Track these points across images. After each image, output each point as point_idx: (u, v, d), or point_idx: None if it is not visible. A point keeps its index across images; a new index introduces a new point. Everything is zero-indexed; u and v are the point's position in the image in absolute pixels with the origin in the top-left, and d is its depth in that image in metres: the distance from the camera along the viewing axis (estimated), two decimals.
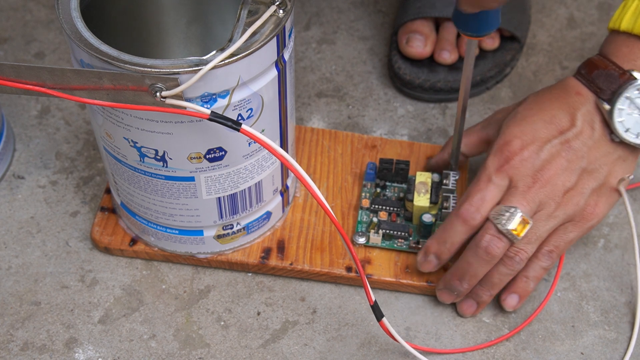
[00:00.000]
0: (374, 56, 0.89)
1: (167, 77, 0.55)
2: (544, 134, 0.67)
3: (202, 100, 0.57)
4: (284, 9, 0.58)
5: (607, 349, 0.69)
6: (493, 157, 0.68)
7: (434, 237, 0.69)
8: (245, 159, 0.64)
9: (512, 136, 0.68)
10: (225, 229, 0.69)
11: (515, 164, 0.66)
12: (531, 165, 0.66)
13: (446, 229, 0.68)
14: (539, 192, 0.66)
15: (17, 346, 0.68)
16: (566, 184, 0.66)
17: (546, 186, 0.66)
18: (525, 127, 0.68)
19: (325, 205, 0.58)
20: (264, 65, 0.59)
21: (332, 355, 0.68)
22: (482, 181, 0.67)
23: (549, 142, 0.67)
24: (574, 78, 0.69)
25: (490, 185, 0.67)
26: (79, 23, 0.57)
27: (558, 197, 0.66)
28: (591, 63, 0.69)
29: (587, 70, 0.68)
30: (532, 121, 0.68)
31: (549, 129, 0.67)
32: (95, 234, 0.73)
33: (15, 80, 0.56)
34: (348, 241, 0.59)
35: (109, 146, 0.64)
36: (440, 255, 0.69)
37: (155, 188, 0.65)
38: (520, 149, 0.67)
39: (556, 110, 0.68)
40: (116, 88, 0.55)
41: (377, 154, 0.79)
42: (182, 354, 0.68)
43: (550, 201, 0.66)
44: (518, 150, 0.67)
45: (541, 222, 0.67)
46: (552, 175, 0.66)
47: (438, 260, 0.69)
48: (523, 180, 0.66)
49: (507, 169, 0.66)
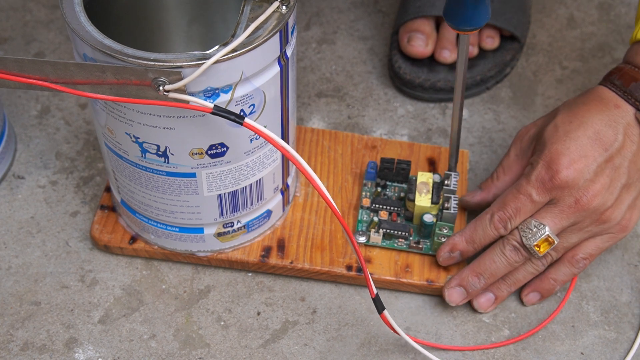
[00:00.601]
0: (374, 56, 0.89)
1: (170, 71, 0.55)
2: (590, 152, 0.66)
3: (205, 94, 0.57)
4: (286, 5, 0.58)
5: (607, 349, 0.69)
6: (537, 173, 0.67)
7: (463, 235, 0.69)
8: (247, 156, 0.64)
9: (557, 154, 0.66)
10: (225, 227, 0.69)
11: (560, 185, 0.66)
12: (575, 185, 0.66)
13: (477, 231, 0.69)
14: (577, 214, 0.66)
15: (17, 346, 0.68)
16: (607, 203, 0.66)
17: (586, 208, 0.66)
18: (570, 144, 0.66)
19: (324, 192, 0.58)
20: (266, 60, 0.59)
21: (332, 355, 0.68)
22: (522, 193, 0.67)
23: (595, 160, 0.66)
24: (608, 89, 0.68)
25: (529, 200, 0.67)
26: (82, 17, 0.57)
27: (596, 216, 0.67)
28: (627, 74, 0.67)
29: (622, 82, 0.67)
30: (575, 137, 0.67)
31: (594, 146, 0.66)
32: (95, 232, 0.73)
33: (18, 74, 0.56)
34: (349, 231, 0.59)
35: (110, 142, 0.64)
36: (466, 253, 0.70)
37: (156, 184, 0.65)
38: (566, 168, 0.66)
39: (599, 125, 0.67)
40: (119, 82, 0.55)
41: (377, 155, 0.79)
42: (182, 354, 0.68)
43: (587, 219, 0.67)
44: (564, 169, 0.66)
45: (574, 234, 0.67)
46: (594, 196, 0.66)
47: (461, 258, 0.70)
48: (564, 200, 0.66)
49: (551, 189, 0.66)
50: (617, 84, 0.68)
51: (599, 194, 0.66)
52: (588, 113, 0.67)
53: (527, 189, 0.67)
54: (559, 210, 0.66)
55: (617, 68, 0.69)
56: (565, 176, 0.65)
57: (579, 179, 0.65)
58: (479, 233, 0.69)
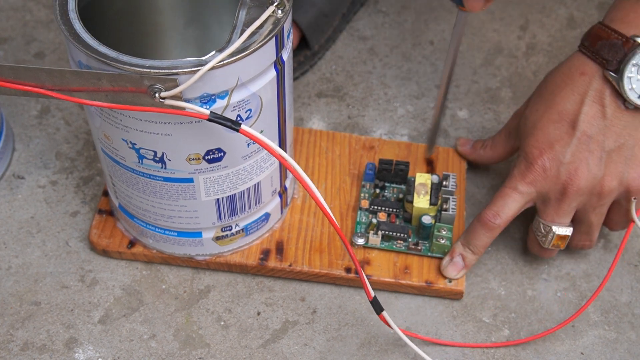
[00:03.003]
0: (374, 56, 0.89)
1: (166, 78, 0.54)
2: (558, 136, 0.66)
3: (201, 100, 0.57)
4: (282, 9, 0.58)
5: (607, 349, 0.69)
6: (517, 168, 0.68)
7: (460, 240, 0.71)
8: (244, 160, 0.64)
9: (529, 147, 0.67)
10: (224, 231, 0.69)
11: (538, 176, 0.66)
12: (555, 172, 0.66)
13: (469, 232, 0.70)
14: (573, 198, 0.66)
15: (17, 346, 0.68)
16: (598, 174, 0.66)
17: (579, 189, 0.66)
18: (538, 134, 0.67)
19: (320, 201, 0.58)
20: (262, 65, 0.58)
21: (332, 355, 0.68)
22: (507, 188, 0.68)
23: (566, 142, 0.66)
24: (579, 53, 0.68)
25: (514, 192, 0.68)
26: (77, 24, 0.57)
27: (597, 190, 0.66)
28: (594, 34, 0.67)
29: (590, 42, 0.67)
30: (541, 126, 0.67)
31: (561, 128, 0.66)
32: (93, 236, 0.73)
33: (14, 81, 0.56)
34: (344, 237, 0.59)
35: (107, 148, 0.64)
36: (466, 257, 0.70)
37: (153, 190, 0.65)
38: (538, 158, 0.66)
39: (561, 104, 0.67)
40: (115, 89, 0.55)
41: (375, 155, 0.79)
42: (182, 354, 0.68)
43: (591, 197, 0.67)
44: (537, 160, 0.66)
45: (590, 214, 0.68)
46: (580, 175, 0.66)
47: (463, 263, 0.70)
48: (552, 191, 0.67)
49: (531, 181, 0.67)
50: (587, 45, 0.67)
51: (581, 173, 0.66)
52: (552, 94, 0.68)
53: (511, 183, 0.68)
54: (554, 202, 0.67)
55: (589, 29, 0.68)
56: (540, 166, 0.66)
57: (555, 166, 0.66)
58: (471, 234, 0.70)
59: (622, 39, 0.65)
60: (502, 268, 0.74)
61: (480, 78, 0.88)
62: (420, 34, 0.92)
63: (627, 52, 0.64)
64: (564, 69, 0.68)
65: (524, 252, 0.75)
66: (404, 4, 0.94)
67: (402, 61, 0.89)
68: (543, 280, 0.73)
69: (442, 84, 0.69)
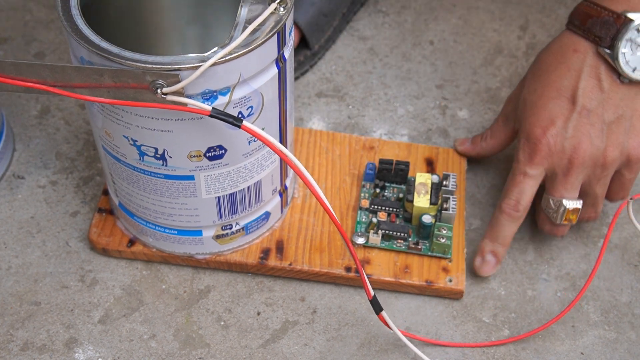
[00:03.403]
0: (374, 56, 0.89)
1: (168, 74, 0.55)
2: (559, 113, 0.68)
3: (203, 97, 0.57)
4: (284, 6, 0.58)
5: (607, 349, 0.69)
6: (522, 151, 0.69)
7: (485, 237, 0.72)
8: (245, 158, 0.64)
9: (531, 126, 0.68)
10: (224, 229, 0.69)
11: (545, 154, 0.68)
12: (560, 147, 0.67)
13: (494, 226, 0.71)
14: (579, 171, 0.68)
15: (17, 346, 0.68)
16: (600, 146, 0.67)
17: (584, 161, 0.67)
18: (539, 112, 0.68)
19: (321, 197, 0.58)
20: (264, 62, 0.59)
21: (332, 355, 0.68)
22: (517, 175, 0.69)
23: (566, 117, 0.67)
24: (568, 31, 0.69)
25: (526, 178, 0.69)
26: (79, 20, 0.57)
27: (600, 161, 0.68)
28: (583, 12, 0.68)
29: (580, 21, 0.68)
30: (541, 105, 0.68)
31: (561, 105, 0.68)
32: (93, 235, 0.73)
33: (15, 77, 0.56)
34: (344, 233, 0.59)
35: (108, 145, 0.64)
36: (497, 252, 0.71)
37: (154, 187, 0.65)
38: (542, 136, 0.68)
39: (559, 81, 0.68)
40: (117, 85, 0.55)
41: (375, 155, 0.79)
42: (182, 354, 0.68)
43: (595, 168, 0.68)
44: (541, 138, 0.67)
45: (596, 186, 0.69)
46: (584, 148, 0.67)
47: (496, 258, 0.72)
48: (559, 166, 0.68)
49: (539, 161, 0.68)
50: (576, 23, 0.68)
51: (585, 146, 0.67)
52: (547, 73, 0.69)
53: (520, 169, 0.69)
54: (561, 177, 0.68)
55: (575, 8, 0.69)
56: (544, 144, 0.67)
57: (559, 142, 0.67)
58: (496, 227, 0.71)
59: (613, 15, 0.66)
60: (502, 268, 0.74)
61: (480, 78, 0.88)
62: (420, 34, 0.92)
63: (619, 28, 0.65)
64: (555, 48, 0.69)
65: (524, 252, 0.75)
66: (404, 4, 0.95)
67: (402, 61, 0.89)
68: (543, 280, 0.73)
69: None
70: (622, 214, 0.77)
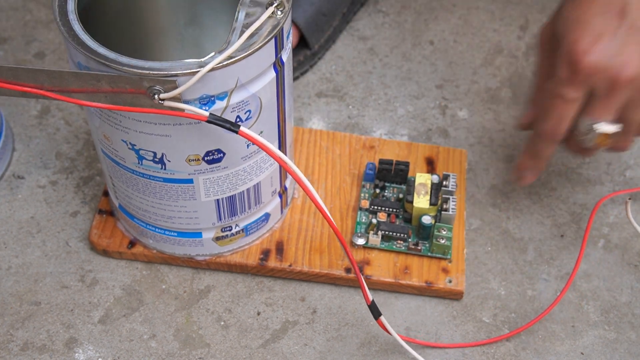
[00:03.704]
0: (374, 56, 0.89)
1: (165, 80, 0.54)
2: (606, 28, 0.62)
3: (201, 102, 0.57)
4: (281, 10, 0.58)
5: (607, 349, 0.69)
6: (562, 70, 0.63)
7: (525, 154, 0.69)
8: (244, 161, 0.64)
9: (574, 43, 0.62)
10: (223, 231, 0.69)
11: (588, 72, 0.62)
12: (604, 66, 0.62)
13: (534, 146, 0.68)
14: (623, 92, 0.62)
15: (17, 346, 0.68)
16: None
17: (630, 81, 0.62)
18: (583, 28, 0.62)
19: (319, 203, 0.58)
20: (262, 66, 0.58)
21: (332, 355, 0.68)
22: (555, 97, 0.64)
23: (614, 33, 0.62)
24: None
25: (564, 101, 0.64)
26: (76, 25, 0.57)
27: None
28: None
29: None
30: (585, 19, 0.62)
31: (608, 19, 0.62)
32: (94, 236, 0.73)
33: (13, 82, 0.56)
34: (343, 240, 0.59)
35: (107, 149, 0.64)
36: (534, 168, 0.69)
37: (153, 190, 0.65)
38: (586, 53, 0.62)
39: None
40: (114, 90, 0.55)
41: (376, 155, 0.79)
42: (182, 354, 0.68)
43: (638, 92, 0.63)
44: (584, 56, 0.62)
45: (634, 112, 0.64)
46: (628, 68, 0.62)
47: (533, 172, 0.70)
48: (601, 86, 0.62)
49: (582, 81, 0.63)
50: None
51: (632, 64, 0.62)
52: None
53: (558, 91, 0.64)
54: (602, 98, 0.63)
55: None
56: (588, 62, 0.62)
57: (603, 59, 0.62)
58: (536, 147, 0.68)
59: None
60: (502, 268, 0.74)
61: (480, 78, 0.88)
62: (420, 34, 0.92)
63: None
64: None
65: (524, 252, 0.75)
66: (404, 4, 0.94)
67: (402, 61, 0.89)
68: (543, 280, 0.73)
69: None
70: (622, 214, 0.77)
